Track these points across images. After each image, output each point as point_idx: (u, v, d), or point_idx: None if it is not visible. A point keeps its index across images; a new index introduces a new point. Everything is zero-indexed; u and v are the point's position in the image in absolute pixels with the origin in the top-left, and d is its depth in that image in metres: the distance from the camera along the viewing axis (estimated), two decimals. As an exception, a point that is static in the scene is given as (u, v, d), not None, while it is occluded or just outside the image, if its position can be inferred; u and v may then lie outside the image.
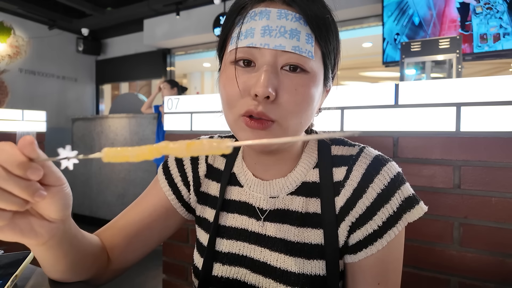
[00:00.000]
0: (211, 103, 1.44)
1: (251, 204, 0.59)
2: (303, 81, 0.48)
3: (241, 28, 0.48)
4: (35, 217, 0.41)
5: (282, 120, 0.48)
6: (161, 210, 0.65)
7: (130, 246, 0.63)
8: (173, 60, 5.46)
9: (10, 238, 0.39)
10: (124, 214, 0.65)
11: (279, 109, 0.47)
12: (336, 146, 0.58)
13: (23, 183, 0.35)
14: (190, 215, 0.69)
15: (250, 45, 0.47)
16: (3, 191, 0.35)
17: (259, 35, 0.47)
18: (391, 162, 0.54)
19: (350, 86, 1.15)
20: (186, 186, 0.66)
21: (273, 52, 0.47)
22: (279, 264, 0.54)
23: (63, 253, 0.48)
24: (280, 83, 0.47)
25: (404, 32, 3.23)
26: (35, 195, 0.36)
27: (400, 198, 0.52)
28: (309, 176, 0.57)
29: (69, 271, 0.52)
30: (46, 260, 0.49)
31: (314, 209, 0.55)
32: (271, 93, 0.45)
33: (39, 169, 0.36)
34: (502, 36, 2.76)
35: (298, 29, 0.47)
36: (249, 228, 0.58)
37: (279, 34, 0.46)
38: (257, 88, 0.45)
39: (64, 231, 0.45)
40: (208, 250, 0.59)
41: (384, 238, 0.51)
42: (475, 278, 0.96)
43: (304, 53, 0.47)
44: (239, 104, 0.48)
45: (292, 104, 0.47)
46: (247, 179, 0.60)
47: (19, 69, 4.93)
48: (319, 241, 0.53)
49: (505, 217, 0.93)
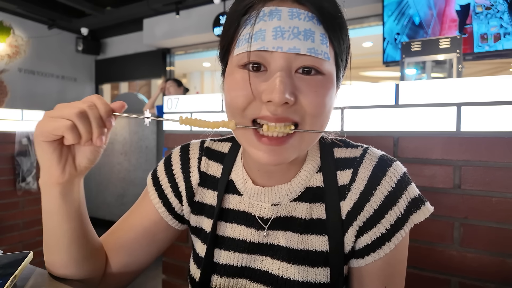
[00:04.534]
0: (211, 103, 1.44)
1: (251, 214, 0.57)
2: (321, 83, 0.45)
3: (253, 28, 0.44)
4: (71, 155, 0.51)
5: (304, 124, 0.45)
6: (151, 224, 0.62)
7: (120, 258, 0.61)
8: (173, 59, 5.46)
9: (50, 151, 0.48)
10: (115, 227, 0.64)
11: (301, 111, 0.45)
12: (339, 149, 0.57)
13: (101, 123, 0.48)
14: (184, 226, 0.66)
15: (262, 49, 0.43)
16: (86, 121, 0.46)
17: (271, 37, 0.43)
18: (396, 162, 0.53)
19: (350, 86, 1.15)
20: (177, 197, 0.63)
21: (287, 56, 0.43)
22: (282, 273, 0.52)
23: (68, 213, 0.51)
24: (297, 87, 0.44)
25: (404, 31, 3.23)
26: (99, 137, 0.48)
27: (407, 199, 0.51)
28: (313, 181, 0.55)
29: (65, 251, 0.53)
30: (52, 217, 0.52)
31: (319, 215, 0.53)
32: (289, 99, 0.42)
33: (112, 122, 0.49)
34: (503, 36, 2.76)
35: (312, 29, 0.43)
36: (249, 239, 0.56)
37: (292, 36, 0.42)
38: (272, 95, 0.42)
39: (79, 184, 0.53)
40: (206, 262, 0.57)
41: (392, 241, 0.50)
42: (475, 278, 0.96)
43: (320, 55, 0.44)
44: (249, 110, 0.45)
45: (314, 106, 0.44)
46: (246, 187, 0.57)
47: (19, 68, 4.93)
48: (324, 247, 0.52)
49: (506, 217, 0.93)
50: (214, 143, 0.65)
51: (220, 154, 0.63)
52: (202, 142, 0.65)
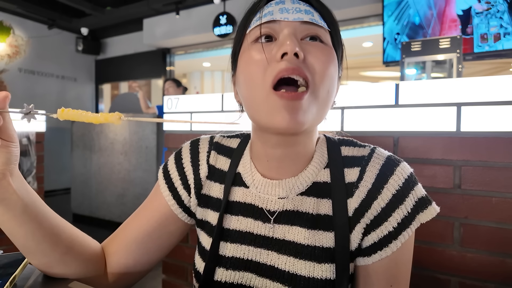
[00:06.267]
0: (211, 103, 1.44)
1: (257, 206, 0.57)
2: (325, 49, 0.50)
3: (262, 11, 0.51)
4: None
5: (313, 80, 0.48)
6: (161, 217, 0.63)
7: (130, 253, 0.61)
8: (173, 59, 5.46)
9: None
10: (127, 221, 0.65)
11: (310, 68, 0.48)
12: (346, 147, 0.57)
13: None
14: (192, 220, 0.66)
15: (271, 19, 0.50)
16: None
17: (278, 13, 0.50)
18: (403, 162, 0.54)
19: (350, 86, 1.15)
20: (186, 190, 0.64)
21: (292, 25, 0.49)
22: (288, 268, 0.52)
23: (14, 216, 0.48)
24: (304, 49, 0.49)
25: (404, 31, 3.23)
26: None
27: (414, 199, 0.51)
28: (320, 176, 0.55)
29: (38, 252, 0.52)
30: (4, 228, 0.49)
31: (326, 211, 0.54)
32: (299, 52, 0.47)
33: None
34: (503, 36, 2.76)
35: (310, 10, 0.51)
36: (255, 231, 0.56)
37: (295, 12, 0.50)
38: (284, 47, 0.47)
39: (7, 187, 0.46)
40: (211, 255, 0.57)
41: (398, 240, 0.50)
42: (475, 278, 0.96)
43: (320, 23, 0.50)
44: (268, 72, 0.48)
45: (321, 63, 0.49)
46: (254, 180, 0.58)
47: (19, 68, 4.93)
48: (331, 244, 0.52)
49: (506, 217, 0.93)
50: (224, 139, 0.66)
51: (229, 149, 0.64)
52: (211, 137, 0.67)
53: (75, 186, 3.84)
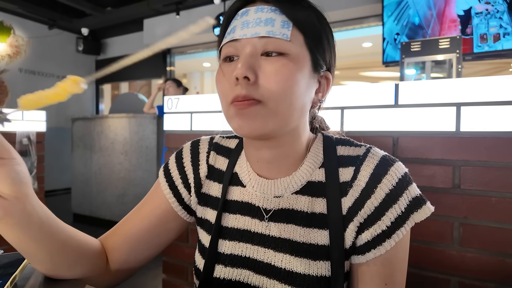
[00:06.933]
0: (211, 103, 1.44)
1: (254, 204, 0.58)
2: (282, 62, 0.49)
3: (228, 27, 0.53)
4: None
5: (267, 100, 0.48)
6: (162, 214, 0.65)
7: (131, 249, 0.63)
8: (173, 60, 5.47)
9: None
10: (126, 217, 0.66)
11: (261, 89, 0.48)
12: (342, 147, 0.58)
13: None
14: (191, 217, 0.68)
15: (232, 39, 0.51)
16: None
17: (239, 30, 0.50)
18: (398, 162, 0.54)
19: (350, 86, 1.15)
20: (186, 188, 0.65)
21: (252, 41, 0.49)
22: (284, 265, 0.54)
23: (29, 237, 0.47)
24: (260, 67, 0.49)
25: (404, 32, 3.23)
26: None
27: (408, 198, 0.52)
28: (314, 175, 0.56)
29: (48, 261, 0.52)
30: (13, 241, 0.48)
31: (320, 210, 0.55)
32: (249, 74, 0.47)
33: None
34: (502, 36, 2.76)
35: (273, 18, 0.50)
36: (252, 229, 0.58)
37: (255, 24, 0.50)
38: (235, 72, 0.48)
39: (23, 211, 0.44)
40: (210, 252, 0.59)
41: (392, 239, 0.51)
42: (475, 278, 0.96)
43: (279, 35, 0.49)
44: (229, 94, 0.50)
45: (272, 83, 0.48)
46: (250, 179, 0.59)
47: (19, 68, 4.94)
48: (325, 242, 0.53)
49: (505, 217, 0.93)
50: (223, 140, 0.68)
51: (227, 150, 0.66)
52: (211, 138, 0.69)
53: (76, 186, 3.85)
